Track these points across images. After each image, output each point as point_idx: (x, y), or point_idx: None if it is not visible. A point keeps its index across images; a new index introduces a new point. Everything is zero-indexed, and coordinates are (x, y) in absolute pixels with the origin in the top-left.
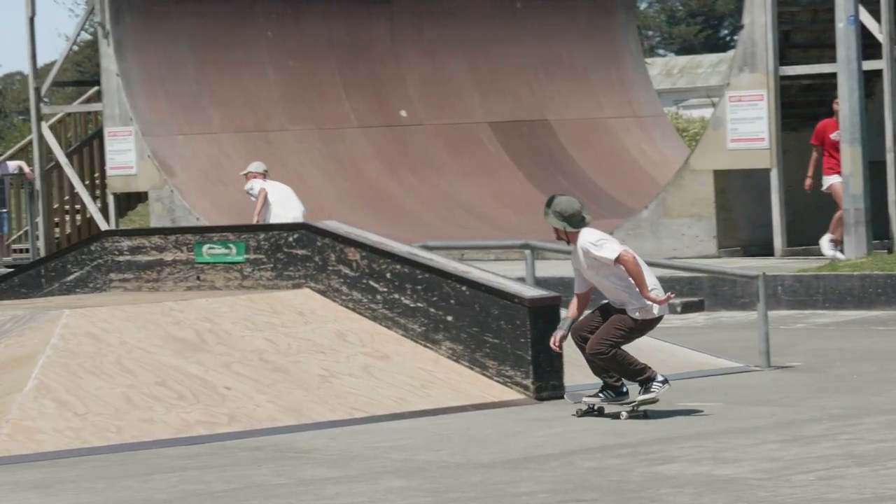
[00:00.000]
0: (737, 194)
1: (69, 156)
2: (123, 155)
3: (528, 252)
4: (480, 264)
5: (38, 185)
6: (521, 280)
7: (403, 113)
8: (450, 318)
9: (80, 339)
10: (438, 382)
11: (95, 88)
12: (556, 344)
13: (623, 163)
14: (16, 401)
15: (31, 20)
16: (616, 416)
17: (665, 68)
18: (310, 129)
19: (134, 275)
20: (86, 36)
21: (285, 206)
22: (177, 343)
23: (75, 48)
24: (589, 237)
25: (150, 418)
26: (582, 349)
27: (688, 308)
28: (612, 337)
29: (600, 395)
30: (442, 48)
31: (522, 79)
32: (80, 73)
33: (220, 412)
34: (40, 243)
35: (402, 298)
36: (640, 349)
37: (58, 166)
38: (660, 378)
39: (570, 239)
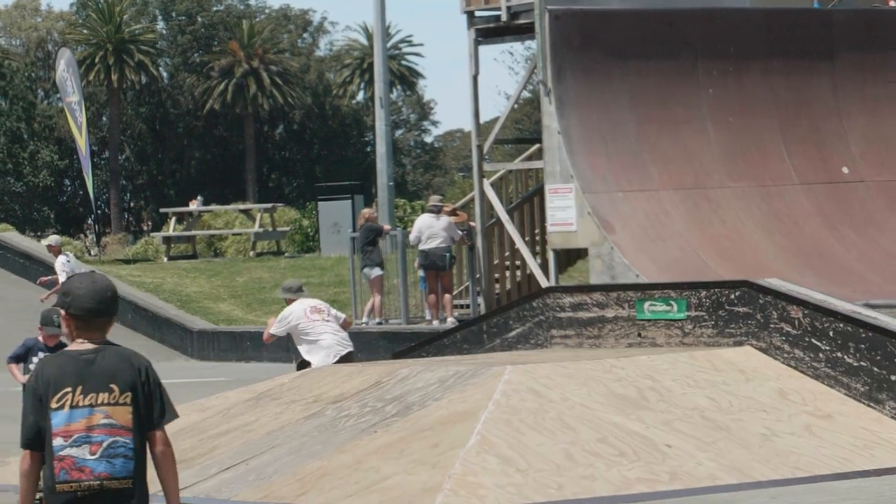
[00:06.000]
0: None
1: (510, 212)
2: (564, 212)
3: None
4: None
5: (478, 241)
6: None
7: (845, 170)
8: (894, 378)
9: (523, 395)
10: (882, 443)
11: (536, 146)
12: None
13: None
14: (459, 456)
15: (475, 78)
16: None
17: None
18: (750, 186)
19: (575, 331)
20: (524, 94)
21: None
22: (618, 400)
23: (515, 106)
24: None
25: (591, 475)
26: None
27: None
28: None
29: None
30: (884, 104)
31: None
32: (519, 131)
33: (660, 470)
34: (480, 299)
35: (845, 357)
36: None
37: (499, 223)
38: None
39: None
